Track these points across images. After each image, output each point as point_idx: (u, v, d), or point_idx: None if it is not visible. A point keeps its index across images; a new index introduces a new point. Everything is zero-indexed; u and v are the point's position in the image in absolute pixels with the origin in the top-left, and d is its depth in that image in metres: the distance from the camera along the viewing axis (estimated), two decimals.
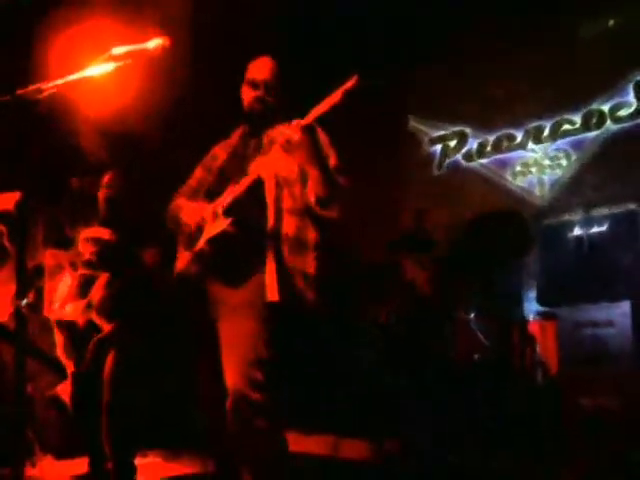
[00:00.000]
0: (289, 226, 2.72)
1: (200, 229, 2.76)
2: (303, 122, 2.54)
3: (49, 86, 2.09)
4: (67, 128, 4.70)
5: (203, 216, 2.76)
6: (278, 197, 2.73)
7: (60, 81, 2.11)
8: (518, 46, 5.79)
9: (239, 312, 2.63)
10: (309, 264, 2.72)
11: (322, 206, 2.69)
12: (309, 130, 2.57)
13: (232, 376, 2.56)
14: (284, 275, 2.65)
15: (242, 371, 2.54)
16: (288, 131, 2.55)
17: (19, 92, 2.04)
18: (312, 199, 2.67)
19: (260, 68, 2.94)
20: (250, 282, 2.67)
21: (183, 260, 2.81)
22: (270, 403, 2.53)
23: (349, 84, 2.47)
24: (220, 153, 3.03)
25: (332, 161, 2.77)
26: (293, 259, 2.69)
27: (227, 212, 2.69)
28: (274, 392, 2.57)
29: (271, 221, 2.69)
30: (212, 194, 2.85)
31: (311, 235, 2.77)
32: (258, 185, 2.69)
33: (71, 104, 3.80)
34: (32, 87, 2.06)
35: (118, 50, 2.20)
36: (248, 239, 2.68)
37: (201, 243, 2.72)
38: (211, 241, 2.70)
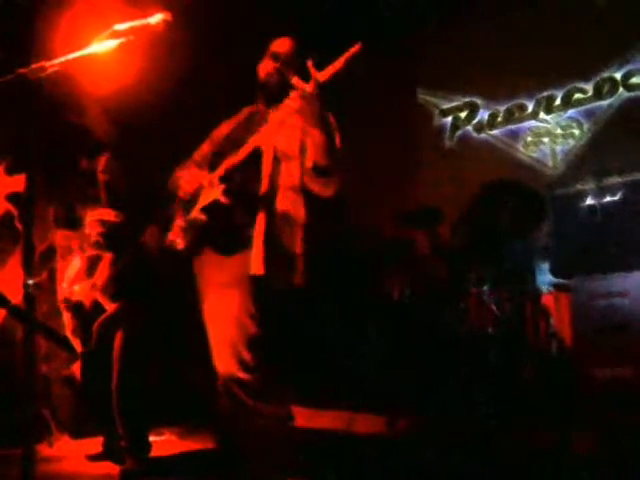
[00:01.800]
0: (282, 202, 2.70)
1: (196, 197, 2.75)
2: (319, 77, 2.52)
3: (52, 64, 2.07)
4: (73, 106, 4.69)
5: (201, 183, 2.75)
6: (274, 171, 2.72)
7: (63, 59, 2.09)
8: (528, 14, 5.71)
9: (227, 288, 2.62)
10: (296, 243, 2.69)
11: (318, 173, 2.65)
12: (321, 86, 2.54)
13: (220, 357, 2.55)
14: (272, 250, 2.63)
15: (230, 351, 2.53)
16: (302, 84, 2.53)
17: (22, 71, 2.02)
18: (310, 164, 2.64)
19: (282, 43, 2.95)
20: (238, 256, 2.65)
21: (175, 230, 2.79)
22: (262, 383, 2.52)
23: (352, 52, 2.48)
24: (225, 126, 3.03)
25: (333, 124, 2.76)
26: (281, 236, 2.67)
27: (222, 180, 2.67)
28: (267, 370, 2.54)
29: (264, 194, 2.68)
30: (213, 166, 2.83)
31: (302, 213, 2.74)
32: (256, 157, 2.68)
33: (75, 82, 3.77)
34: (35, 66, 2.04)
35: (120, 26, 2.18)
36: (240, 210, 2.67)
37: (195, 211, 2.71)
38: (204, 210, 2.68)
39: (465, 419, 4.02)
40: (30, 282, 1.99)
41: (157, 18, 2.24)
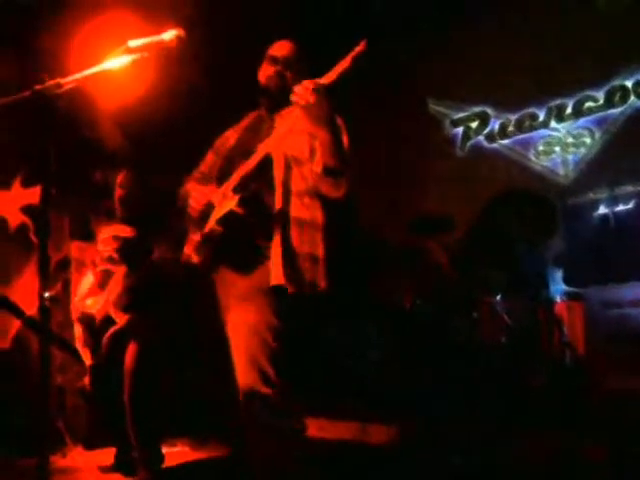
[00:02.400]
0: (297, 208, 2.68)
1: (207, 213, 2.73)
2: (321, 81, 2.48)
3: (68, 81, 2.10)
4: (86, 120, 4.73)
5: (210, 200, 2.73)
6: (287, 178, 2.70)
7: (78, 75, 2.12)
8: (539, 24, 5.71)
9: (248, 301, 2.59)
10: (318, 246, 2.68)
11: (327, 174, 2.61)
12: (324, 89, 2.50)
13: (243, 370, 2.53)
14: (291, 259, 2.61)
15: (252, 365, 2.50)
16: (302, 91, 2.47)
17: (38, 87, 2.05)
18: (319, 169, 2.60)
19: (281, 46, 2.95)
20: (258, 268, 2.63)
21: (191, 244, 2.78)
22: (281, 397, 2.51)
23: (357, 50, 2.46)
24: (231, 135, 3.01)
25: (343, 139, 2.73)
26: (301, 242, 2.65)
27: (235, 191, 2.65)
28: (287, 383, 2.54)
29: (279, 202, 2.66)
30: (222, 178, 2.81)
31: (319, 217, 2.72)
32: (267, 165, 2.66)
33: (91, 97, 3.82)
34: (51, 82, 2.07)
35: (134, 43, 2.20)
36: (256, 220, 2.64)
37: (210, 224, 2.68)
38: (219, 221, 2.65)
39: (476, 428, 4.01)
40: (46, 295, 2.01)
41: (170, 34, 2.26)
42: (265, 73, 2.90)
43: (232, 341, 2.61)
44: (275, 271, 2.57)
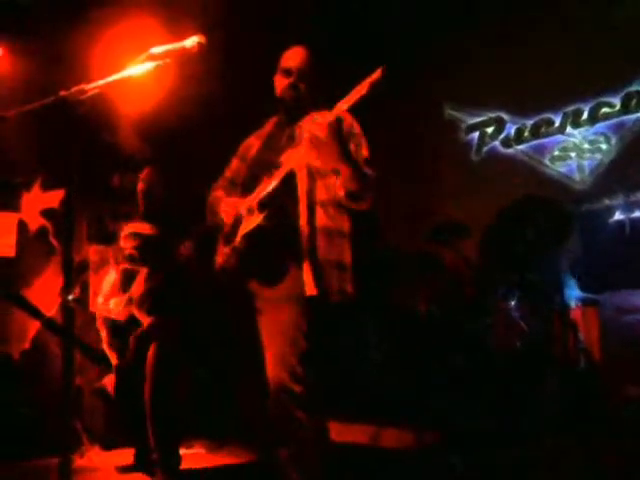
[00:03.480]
0: (323, 218, 2.74)
1: (237, 225, 2.79)
2: (328, 119, 2.53)
3: (91, 87, 2.14)
4: (108, 126, 4.79)
5: (240, 212, 2.79)
6: (311, 189, 2.75)
7: (101, 82, 2.16)
8: (555, 29, 5.71)
9: (279, 306, 2.67)
10: (345, 254, 2.74)
11: (353, 200, 2.69)
12: (335, 126, 2.55)
13: (274, 368, 2.60)
14: (319, 268, 2.67)
15: (283, 363, 2.58)
16: (315, 127, 2.54)
17: (63, 93, 2.09)
18: (342, 194, 2.67)
19: (293, 56, 2.95)
20: (288, 277, 2.69)
21: (222, 255, 2.83)
22: (310, 395, 2.56)
23: (375, 76, 2.46)
24: (254, 143, 3.05)
25: (363, 152, 2.78)
26: (328, 251, 2.71)
27: (261, 206, 2.70)
28: (315, 384, 2.60)
29: (304, 214, 2.71)
30: (247, 186, 2.87)
31: (345, 225, 2.78)
32: (291, 177, 2.71)
33: (112, 103, 3.87)
34: (75, 88, 2.11)
35: (156, 49, 2.24)
36: (283, 233, 2.70)
37: (237, 239, 2.75)
38: (247, 236, 2.71)
39: (491, 434, 4.01)
40: (70, 297, 2.04)
41: (192, 41, 2.30)
42: (280, 85, 2.94)
43: (265, 342, 2.70)
44: (307, 282, 2.64)
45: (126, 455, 3.92)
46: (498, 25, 5.99)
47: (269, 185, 2.71)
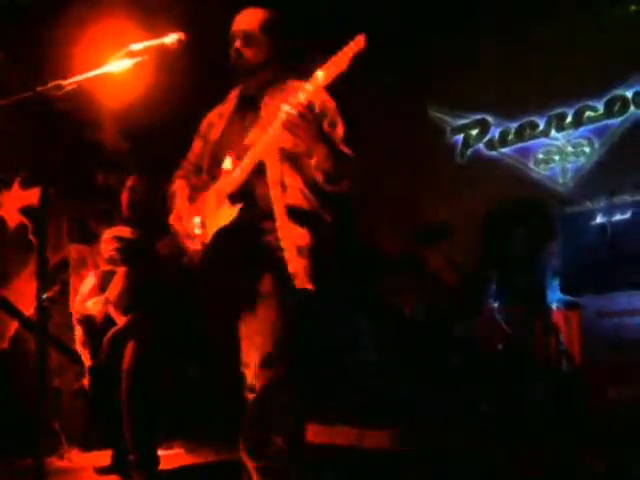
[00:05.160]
0: (295, 199, 2.57)
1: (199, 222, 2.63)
2: (303, 100, 2.31)
3: (69, 82, 2.11)
4: (89, 123, 4.75)
5: (188, 230, 2.64)
6: (282, 174, 2.57)
7: (80, 77, 2.13)
8: (539, 33, 5.73)
9: (259, 304, 2.52)
10: (303, 236, 2.55)
11: (331, 182, 2.50)
12: (312, 106, 2.35)
13: (255, 370, 2.47)
14: (312, 260, 2.52)
15: (265, 366, 2.45)
16: (287, 106, 2.31)
17: (40, 89, 2.06)
18: (320, 177, 2.49)
19: (239, 19, 2.71)
20: (267, 273, 2.54)
21: (192, 253, 2.66)
22: (292, 398, 2.48)
23: (356, 47, 2.23)
24: (217, 122, 2.83)
25: (339, 130, 2.57)
26: (289, 233, 2.53)
27: (233, 199, 2.52)
28: (297, 386, 2.51)
29: (278, 202, 2.54)
30: (211, 172, 2.68)
31: (321, 210, 2.61)
32: (261, 164, 2.53)
33: (92, 99, 3.84)
34: (52, 84, 2.08)
35: (136, 46, 2.22)
36: (258, 225, 2.56)
37: (210, 234, 2.58)
38: (220, 232, 2.55)
39: (473, 435, 4.02)
40: (44, 296, 2.01)
41: (172, 38, 2.28)
42: (230, 51, 2.68)
43: (245, 343, 2.55)
44: (298, 275, 2.51)
45: (105, 456, 3.88)
46: (484, 29, 6.00)
47: (238, 175, 2.53)
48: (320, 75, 2.28)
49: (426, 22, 6.11)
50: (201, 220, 2.63)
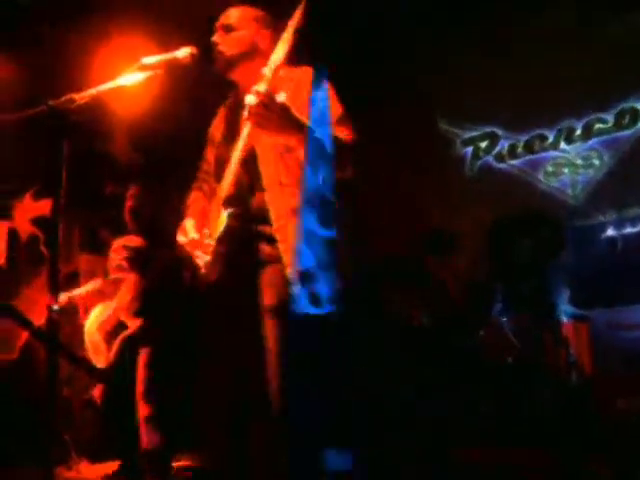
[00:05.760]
0: (291, 200, 2.45)
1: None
2: (264, 87, 2.20)
3: (81, 96, 2.13)
4: (99, 134, 4.79)
5: (198, 242, 2.56)
6: (276, 171, 2.47)
7: (92, 91, 2.15)
8: (549, 45, 5.74)
9: (264, 317, 2.44)
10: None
11: (341, 169, 2.40)
12: (267, 94, 2.21)
13: (264, 385, 2.40)
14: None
15: (272, 388, 2.38)
16: (249, 99, 2.19)
17: (52, 103, 2.08)
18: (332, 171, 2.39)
19: (223, 15, 2.65)
20: (264, 283, 2.46)
21: (203, 266, 2.58)
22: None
23: (296, 20, 2.19)
24: (219, 124, 2.79)
25: (333, 112, 2.45)
26: (287, 236, 2.42)
27: (225, 205, 2.47)
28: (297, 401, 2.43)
29: (274, 201, 2.45)
30: (217, 175, 2.61)
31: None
32: (249, 163, 2.45)
33: (103, 111, 3.85)
34: (65, 97, 2.10)
35: (148, 60, 2.24)
36: (255, 230, 2.48)
37: (214, 244, 2.51)
38: (220, 240, 2.47)
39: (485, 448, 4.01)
40: (55, 307, 2.03)
41: (184, 52, 2.30)
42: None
43: (246, 360, 2.49)
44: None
45: (113, 467, 3.89)
46: (494, 40, 6.00)
47: (228, 178, 2.46)
48: (273, 58, 2.25)
49: (437, 33, 6.13)
50: (209, 230, 2.58)
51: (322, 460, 2.48)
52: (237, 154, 2.44)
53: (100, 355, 3.90)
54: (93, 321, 3.98)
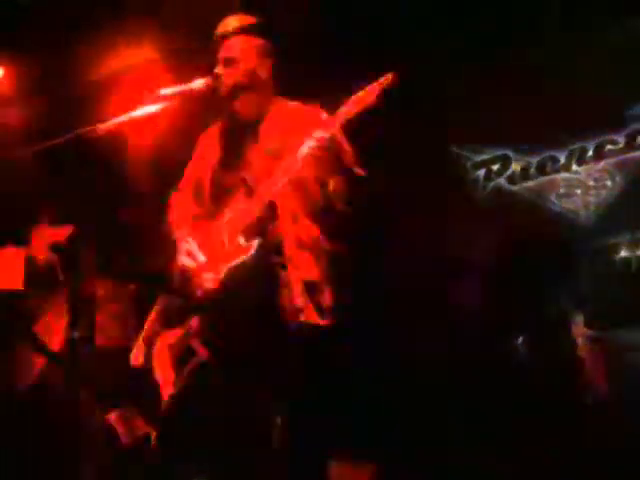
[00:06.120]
0: (305, 231, 2.56)
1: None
2: (329, 134, 2.32)
3: (104, 126, 2.19)
4: (118, 161, 4.84)
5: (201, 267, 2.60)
6: (293, 204, 2.56)
7: (114, 121, 2.21)
8: (558, 67, 5.76)
9: (272, 347, 2.51)
10: (313, 269, 2.54)
11: (350, 204, 2.50)
12: (334, 143, 2.34)
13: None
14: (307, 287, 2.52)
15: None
16: (312, 143, 2.31)
17: (77, 132, 2.14)
18: (339, 204, 2.48)
19: (225, 46, 2.68)
20: (272, 312, 2.51)
21: (207, 292, 2.62)
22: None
23: (385, 82, 2.25)
24: (214, 144, 2.82)
25: (349, 151, 2.53)
26: (297, 266, 2.51)
27: (247, 234, 2.50)
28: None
29: (287, 232, 2.54)
30: (214, 200, 2.69)
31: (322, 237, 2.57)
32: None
33: (123, 141, 3.92)
34: (88, 128, 2.16)
35: (165, 91, 2.30)
36: (272, 261, 2.53)
37: (222, 273, 2.53)
38: (236, 269, 2.50)
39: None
40: (76, 335, 2.06)
41: (199, 83, 2.36)
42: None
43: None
44: (306, 308, 2.48)
45: None
46: (504, 63, 6.04)
47: (253, 208, 2.50)
48: (345, 110, 2.31)
49: (449, 56, 6.17)
50: (211, 255, 2.61)
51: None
52: (270, 187, 2.47)
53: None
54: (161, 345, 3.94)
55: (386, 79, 2.27)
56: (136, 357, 3.83)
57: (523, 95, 5.94)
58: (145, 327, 3.95)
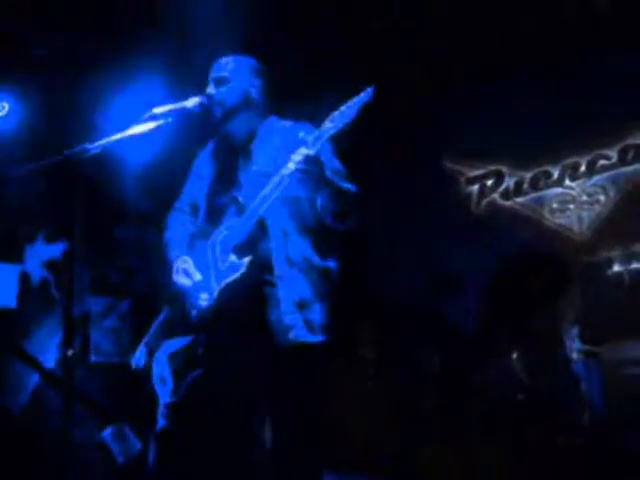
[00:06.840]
0: (295, 247, 2.57)
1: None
2: (314, 150, 2.34)
3: (94, 146, 2.19)
4: (112, 179, 4.85)
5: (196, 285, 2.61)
6: (283, 221, 2.58)
7: (105, 141, 2.22)
8: (551, 81, 5.79)
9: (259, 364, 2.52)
10: (303, 287, 2.55)
11: (341, 220, 2.51)
12: (316, 160, 2.36)
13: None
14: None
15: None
16: (298, 158, 2.34)
17: (66, 153, 2.15)
18: (329, 219, 2.49)
19: (217, 66, 2.74)
20: (263, 329, 2.52)
21: (203, 311, 2.61)
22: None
23: (363, 98, 2.30)
24: (207, 161, 2.85)
25: (339, 168, 2.59)
26: (287, 284, 2.52)
27: (238, 251, 2.51)
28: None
29: (278, 249, 2.54)
30: (211, 219, 2.70)
31: (312, 255, 2.59)
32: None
33: (115, 160, 3.93)
34: (79, 148, 2.17)
35: (158, 109, 2.31)
36: (263, 277, 2.54)
37: (215, 290, 2.55)
38: (228, 287, 2.52)
39: None
40: (70, 352, 2.06)
41: (193, 101, 2.37)
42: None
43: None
44: (295, 326, 2.49)
45: None
46: (497, 80, 6.07)
47: (244, 225, 2.53)
48: (328, 126, 2.33)
49: (444, 71, 6.19)
50: (206, 274, 2.62)
51: None
52: (259, 204, 2.49)
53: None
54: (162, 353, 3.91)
55: (366, 93, 2.31)
56: (138, 359, 3.82)
57: (516, 110, 5.98)
58: (149, 332, 3.95)
